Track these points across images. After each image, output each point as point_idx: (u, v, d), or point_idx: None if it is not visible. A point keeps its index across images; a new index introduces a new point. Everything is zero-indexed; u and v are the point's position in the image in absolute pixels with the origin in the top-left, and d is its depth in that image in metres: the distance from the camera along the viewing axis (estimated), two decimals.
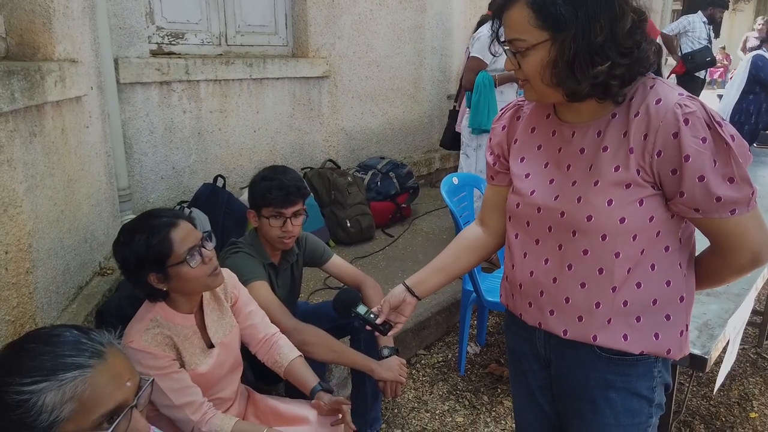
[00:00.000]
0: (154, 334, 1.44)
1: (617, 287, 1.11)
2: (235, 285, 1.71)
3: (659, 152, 1.03)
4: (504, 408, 2.48)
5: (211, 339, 1.57)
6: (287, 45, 4.05)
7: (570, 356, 1.22)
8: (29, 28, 1.96)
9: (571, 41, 1.02)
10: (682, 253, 1.15)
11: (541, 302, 1.21)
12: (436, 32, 4.99)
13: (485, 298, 2.49)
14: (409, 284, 1.39)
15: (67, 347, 0.84)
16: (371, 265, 3.43)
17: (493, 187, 1.36)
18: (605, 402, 1.20)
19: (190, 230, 1.46)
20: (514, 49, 1.09)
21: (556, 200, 1.15)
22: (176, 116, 3.30)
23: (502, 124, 1.31)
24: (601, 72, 1.03)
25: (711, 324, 1.60)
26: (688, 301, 1.17)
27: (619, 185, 1.07)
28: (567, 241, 1.14)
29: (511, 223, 1.27)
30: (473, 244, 1.40)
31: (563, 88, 1.07)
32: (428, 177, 5.15)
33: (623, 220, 1.07)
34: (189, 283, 1.46)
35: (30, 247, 1.75)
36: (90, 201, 2.31)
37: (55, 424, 0.80)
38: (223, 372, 1.60)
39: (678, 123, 1.01)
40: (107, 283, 2.26)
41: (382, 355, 1.95)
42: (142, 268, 1.41)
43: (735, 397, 2.59)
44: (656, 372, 1.19)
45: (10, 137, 1.65)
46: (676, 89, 1.06)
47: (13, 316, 1.67)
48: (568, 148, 1.15)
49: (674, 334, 1.15)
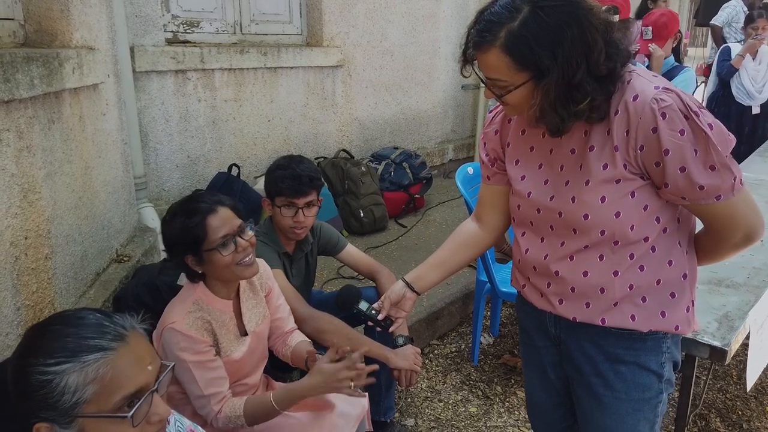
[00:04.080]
0: (195, 318, 1.45)
1: (618, 271, 1.14)
2: (269, 276, 1.72)
3: (641, 147, 1.06)
4: (517, 399, 2.48)
5: (245, 326, 1.58)
6: (301, 34, 4.03)
7: (580, 333, 1.25)
8: (47, 15, 1.97)
9: (554, 84, 1.02)
10: (681, 233, 1.17)
11: (549, 292, 1.24)
12: (452, 21, 4.94)
13: (499, 288, 2.48)
14: (409, 280, 1.43)
15: (90, 329, 0.84)
16: (384, 255, 3.43)
17: (488, 186, 1.37)
18: (615, 375, 1.22)
19: (229, 218, 1.46)
20: (494, 87, 1.10)
21: (552, 200, 1.18)
22: (191, 105, 3.30)
23: (495, 128, 1.32)
24: (582, 109, 1.05)
25: (731, 316, 1.58)
26: (692, 278, 1.20)
27: (609, 182, 1.10)
28: (569, 238, 1.18)
29: (516, 223, 1.31)
30: (470, 241, 1.43)
31: (546, 124, 1.10)
32: (441, 167, 5.12)
33: (618, 214, 1.10)
34: (220, 270, 1.46)
35: (49, 233, 1.77)
36: (107, 188, 2.32)
37: (77, 405, 0.81)
38: (253, 361, 1.61)
39: (656, 118, 1.02)
40: (124, 269, 2.28)
41: (396, 343, 1.95)
42: (180, 248, 1.45)
43: (752, 391, 2.57)
44: (665, 348, 1.21)
45: (30, 123, 1.66)
46: (652, 81, 1.07)
47: (32, 301, 1.68)
48: (559, 149, 1.17)
49: (680, 311, 1.18)
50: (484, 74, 1.10)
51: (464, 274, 3.14)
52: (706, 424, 2.34)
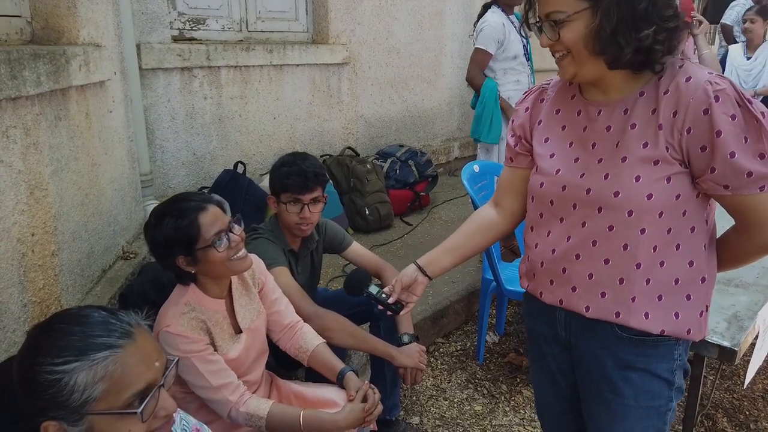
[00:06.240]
0: (189, 319, 1.46)
1: (641, 264, 1.12)
2: (263, 271, 1.71)
3: (689, 129, 1.04)
4: (523, 397, 2.47)
5: (239, 324, 1.59)
6: (307, 31, 4.03)
7: (590, 338, 1.23)
8: (54, 12, 1.97)
9: (615, 8, 1.02)
10: (706, 235, 1.15)
11: (563, 279, 1.22)
12: (457, 18, 4.92)
13: (505, 287, 2.47)
14: (421, 264, 1.39)
15: (96, 327, 0.84)
16: (389, 253, 3.42)
17: (511, 169, 1.36)
18: (625, 382, 1.21)
19: (219, 214, 1.46)
20: (551, 28, 1.08)
21: (582, 178, 1.16)
22: (197, 102, 3.31)
23: (525, 106, 1.32)
24: (647, 36, 1.03)
25: (740, 316, 1.57)
26: (709, 283, 1.18)
27: (647, 162, 1.08)
28: (591, 217, 1.15)
29: (534, 204, 1.28)
30: (486, 226, 1.41)
31: (606, 55, 1.07)
32: (447, 165, 5.11)
33: (650, 196, 1.08)
34: (216, 267, 1.46)
35: (55, 230, 1.77)
36: (113, 185, 2.33)
37: (87, 403, 0.81)
38: (250, 357, 1.60)
39: (709, 100, 1.01)
40: (130, 266, 2.28)
41: (401, 341, 1.95)
42: (171, 250, 1.42)
43: (759, 391, 2.55)
44: (676, 355, 1.20)
45: (36, 120, 1.67)
46: (704, 69, 1.07)
47: (39, 298, 1.69)
48: (594, 126, 1.16)
49: (694, 315, 1.16)
50: (542, 10, 1.09)
51: (470, 272, 3.14)
52: (713, 424, 2.33)
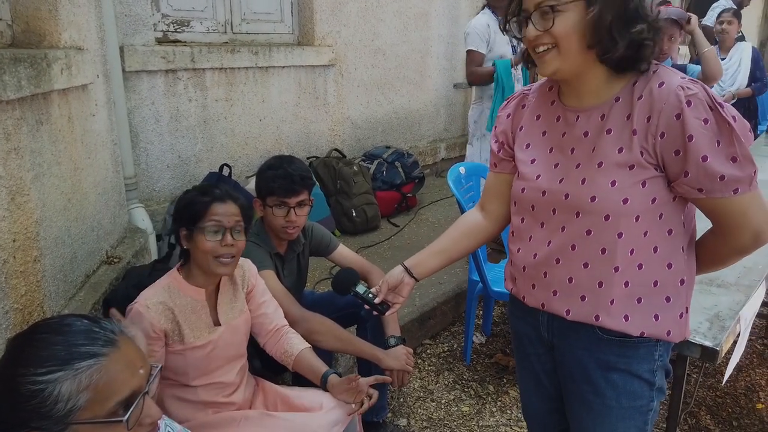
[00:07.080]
0: (158, 303, 1.51)
1: (619, 267, 1.13)
2: (255, 275, 1.74)
3: (662, 134, 1.05)
4: (510, 398, 2.48)
5: (219, 318, 1.61)
6: (293, 33, 4.02)
7: (572, 339, 1.24)
8: (35, 15, 1.95)
9: (611, 2, 1.04)
10: (684, 237, 1.17)
11: (544, 283, 1.23)
12: (443, 20, 4.94)
13: (491, 288, 2.49)
14: (408, 265, 1.41)
15: (79, 336, 0.84)
16: (377, 255, 3.43)
17: (495, 174, 1.38)
18: (606, 383, 1.22)
19: (232, 213, 1.53)
20: (541, 18, 1.08)
21: (561, 183, 1.17)
22: (182, 105, 3.28)
23: (507, 112, 1.34)
24: (641, 30, 1.05)
25: (722, 316, 1.59)
26: (689, 284, 1.19)
27: (622, 166, 1.09)
28: (570, 222, 1.16)
29: (517, 208, 1.29)
30: (473, 229, 1.42)
31: (599, 48, 1.07)
32: (434, 166, 5.13)
33: (626, 200, 1.09)
34: (200, 255, 1.52)
35: (37, 236, 1.75)
36: (96, 190, 2.30)
37: (72, 413, 0.80)
38: (222, 354, 1.61)
39: (681, 104, 1.03)
40: (114, 271, 2.26)
41: (388, 344, 1.95)
42: (181, 217, 1.55)
43: (741, 389, 2.59)
44: (657, 356, 1.21)
45: (17, 125, 1.64)
46: (677, 74, 1.08)
47: (21, 304, 1.67)
48: (572, 132, 1.17)
49: (674, 316, 1.18)
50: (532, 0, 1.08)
51: (457, 273, 3.15)
52: (696, 422, 2.36)
